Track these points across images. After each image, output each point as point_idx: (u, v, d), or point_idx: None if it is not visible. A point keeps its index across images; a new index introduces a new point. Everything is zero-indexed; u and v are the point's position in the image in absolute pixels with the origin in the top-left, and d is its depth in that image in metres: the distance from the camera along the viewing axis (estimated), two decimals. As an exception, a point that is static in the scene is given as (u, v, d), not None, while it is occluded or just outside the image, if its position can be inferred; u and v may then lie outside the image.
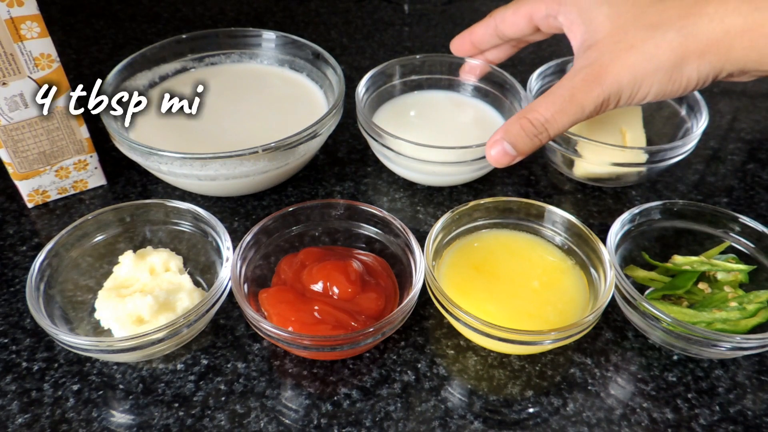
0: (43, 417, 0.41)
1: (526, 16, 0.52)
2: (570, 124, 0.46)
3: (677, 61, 0.42)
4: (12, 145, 0.51)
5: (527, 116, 0.46)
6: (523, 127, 0.46)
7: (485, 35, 0.57)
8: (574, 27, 0.48)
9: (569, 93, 0.45)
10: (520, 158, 0.48)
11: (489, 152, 0.48)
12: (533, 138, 0.46)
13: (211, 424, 0.41)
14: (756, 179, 0.62)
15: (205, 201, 0.57)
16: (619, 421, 0.42)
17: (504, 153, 0.47)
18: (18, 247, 0.52)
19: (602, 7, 0.46)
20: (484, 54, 0.60)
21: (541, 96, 0.46)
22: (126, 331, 0.43)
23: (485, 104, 0.63)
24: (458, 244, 0.49)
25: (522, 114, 0.47)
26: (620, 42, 0.44)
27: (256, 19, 0.86)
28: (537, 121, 0.46)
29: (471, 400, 0.43)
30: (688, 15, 0.42)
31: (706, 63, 0.42)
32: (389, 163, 0.58)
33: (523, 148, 0.47)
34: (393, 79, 0.63)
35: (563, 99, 0.45)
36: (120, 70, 0.59)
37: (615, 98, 0.44)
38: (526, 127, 0.46)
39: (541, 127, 0.46)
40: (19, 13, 0.46)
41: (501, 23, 0.55)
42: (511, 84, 0.60)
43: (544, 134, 0.46)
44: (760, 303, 0.45)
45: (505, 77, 0.60)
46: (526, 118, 0.46)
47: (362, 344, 0.40)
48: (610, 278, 0.43)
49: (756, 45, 0.40)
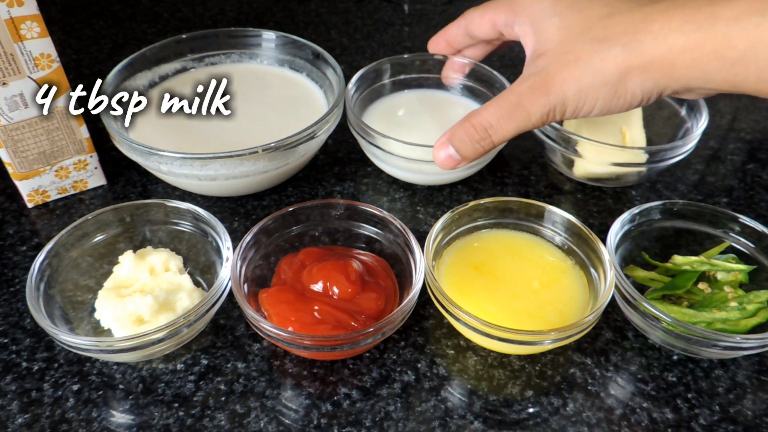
0: (43, 417, 0.41)
1: (490, 22, 0.53)
2: (515, 132, 0.46)
3: (621, 76, 0.42)
4: (12, 145, 0.51)
5: (471, 121, 0.46)
6: (467, 132, 0.46)
7: (458, 35, 0.58)
8: (527, 37, 0.48)
9: (516, 99, 0.45)
10: (465, 163, 0.48)
11: (436, 154, 0.48)
12: (476, 143, 0.46)
13: (211, 424, 0.41)
14: (756, 179, 0.62)
15: (205, 201, 0.57)
16: (619, 421, 0.42)
17: (449, 157, 0.48)
18: (18, 247, 0.53)
19: (553, 18, 0.46)
20: (462, 53, 0.61)
21: (488, 101, 0.46)
22: (126, 331, 0.43)
23: (475, 103, 0.63)
24: (458, 244, 0.49)
25: (467, 118, 0.46)
26: (568, 53, 0.44)
27: (256, 19, 0.86)
28: (481, 126, 0.46)
29: (471, 400, 0.43)
30: (633, 31, 0.42)
31: (649, 79, 0.42)
32: (379, 162, 0.58)
33: (467, 153, 0.47)
34: (383, 78, 0.63)
35: (510, 105, 0.45)
36: (120, 70, 0.59)
37: (561, 109, 0.44)
38: (470, 133, 0.46)
39: (484, 132, 0.46)
40: (19, 13, 0.46)
41: (470, 24, 0.55)
42: (501, 83, 0.60)
43: (487, 140, 0.46)
44: (760, 303, 0.45)
45: (494, 75, 0.60)
46: (471, 123, 0.46)
47: (362, 344, 0.40)
48: (610, 278, 0.43)
49: (698, 63, 0.40)
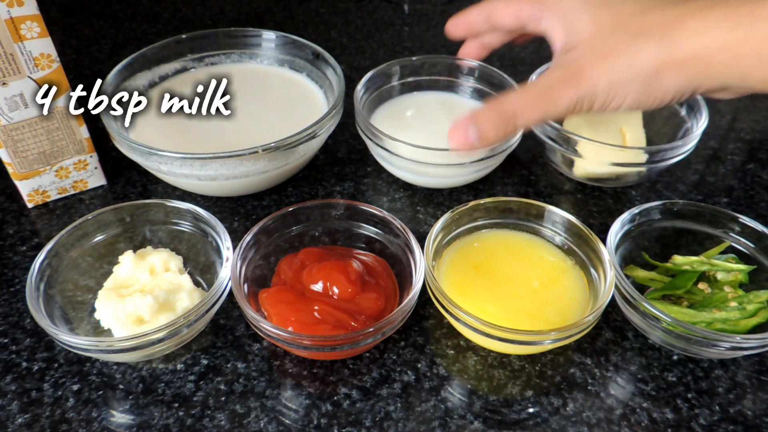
0: (43, 417, 0.41)
1: (514, 13, 0.52)
2: (540, 119, 0.45)
3: (655, 71, 0.41)
4: (12, 145, 0.51)
5: (496, 105, 0.45)
6: (490, 115, 0.45)
7: (478, 20, 0.56)
8: (555, 32, 0.48)
9: (544, 88, 0.44)
10: (481, 147, 0.47)
11: (452, 136, 0.46)
12: (499, 127, 0.45)
13: (211, 424, 0.41)
14: (756, 179, 0.62)
15: (205, 201, 0.57)
16: (619, 421, 0.41)
17: (466, 138, 0.46)
18: (18, 247, 0.53)
19: (584, 14, 0.46)
20: (480, 38, 0.59)
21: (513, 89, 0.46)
22: (126, 331, 0.43)
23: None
24: (458, 244, 0.49)
25: (491, 102, 0.46)
26: (601, 46, 0.43)
27: (256, 19, 0.86)
28: (505, 111, 0.45)
29: (471, 400, 0.43)
30: (669, 28, 0.41)
31: (684, 76, 0.41)
32: (387, 164, 0.58)
33: (488, 134, 0.45)
34: (392, 80, 0.63)
35: (537, 92, 0.44)
36: (120, 70, 0.59)
37: (589, 101, 0.44)
38: (493, 116, 0.45)
39: (509, 117, 0.45)
40: (19, 13, 0.46)
41: (493, 12, 0.54)
42: (510, 85, 0.60)
43: (510, 125, 0.45)
44: (760, 303, 0.45)
45: (504, 78, 0.60)
46: (495, 107, 0.45)
47: (362, 344, 0.40)
48: (610, 278, 0.43)
49: (736, 62, 0.40)
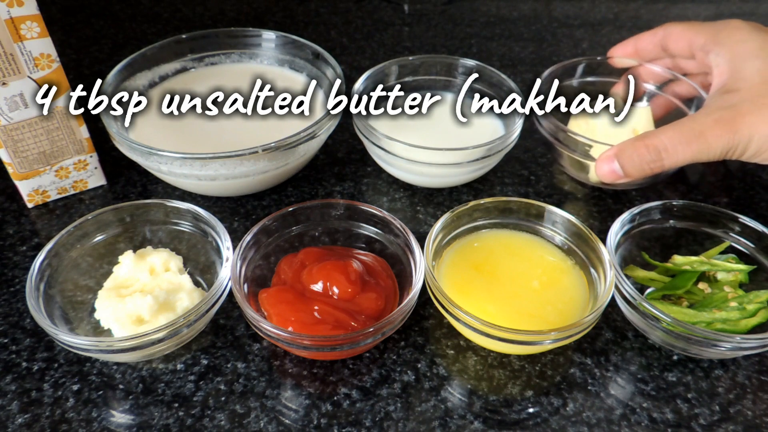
0: (43, 417, 0.41)
1: (689, 40, 0.53)
2: (690, 160, 0.45)
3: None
4: (12, 145, 0.51)
5: (645, 141, 0.46)
6: (637, 151, 0.46)
7: (650, 44, 0.58)
8: (720, 69, 0.48)
9: (699, 128, 0.44)
10: (627, 180, 0.48)
11: (599, 166, 0.48)
12: (645, 164, 0.46)
13: (211, 424, 0.41)
14: (756, 179, 0.62)
15: (205, 201, 0.57)
16: (619, 421, 0.42)
17: (611, 171, 0.48)
18: (18, 247, 0.52)
19: (755, 60, 0.46)
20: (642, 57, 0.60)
21: (666, 125, 0.46)
22: (126, 331, 0.43)
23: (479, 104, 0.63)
24: (458, 244, 0.49)
25: (641, 137, 0.46)
26: (763, 97, 0.43)
27: (256, 19, 0.86)
28: (654, 148, 0.45)
29: (471, 400, 0.43)
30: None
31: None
32: (385, 164, 0.58)
33: (632, 171, 0.47)
34: (390, 80, 0.63)
35: (691, 132, 0.44)
36: (120, 70, 0.59)
37: (742, 149, 0.44)
38: (641, 152, 0.46)
39: (657, 154, 0.45)
40: (19, 13, 0.46)
41: (668, 36, 0.55)
42: (508, 85, 0.60)
43: (658, 163, 0.45)
44: (760, 303, 0.45)
45: (502, 78, 0.60)
46: (644, 143, 0.46)
47: (362, 344, 0.40)
48: (610, 278, 0.43)
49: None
